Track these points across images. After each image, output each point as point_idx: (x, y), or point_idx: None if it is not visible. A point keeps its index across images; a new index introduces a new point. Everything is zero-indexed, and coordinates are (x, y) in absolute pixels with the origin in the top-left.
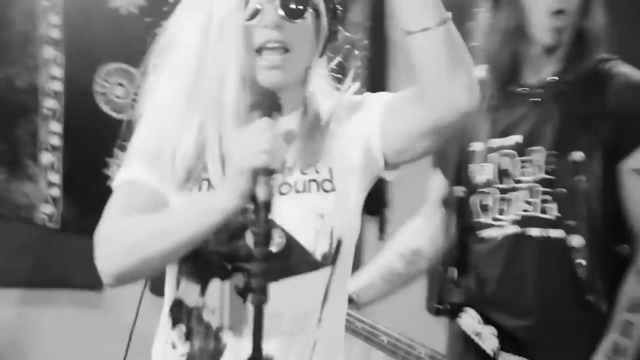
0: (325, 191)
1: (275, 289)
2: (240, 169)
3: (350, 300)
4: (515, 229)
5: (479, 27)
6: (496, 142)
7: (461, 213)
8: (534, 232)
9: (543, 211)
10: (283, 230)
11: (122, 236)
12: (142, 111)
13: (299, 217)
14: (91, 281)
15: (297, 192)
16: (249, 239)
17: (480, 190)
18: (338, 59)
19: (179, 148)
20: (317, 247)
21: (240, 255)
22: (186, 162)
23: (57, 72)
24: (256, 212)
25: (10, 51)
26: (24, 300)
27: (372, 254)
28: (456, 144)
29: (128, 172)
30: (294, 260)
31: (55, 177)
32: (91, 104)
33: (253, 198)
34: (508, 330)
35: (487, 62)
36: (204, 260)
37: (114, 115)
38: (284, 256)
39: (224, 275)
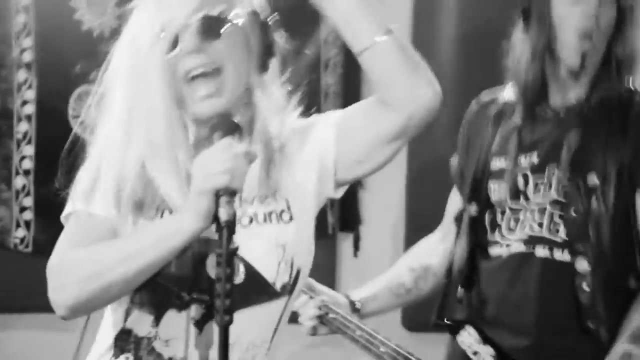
0: (285, 222)
1: (234, 317)
2: (202, 190)
3: (354, 308)
4: (522, 248)
5: (511, 46)
6: (515, 161)
7: (473, 230)
8: (540, 252)
9: (552, 232)
10: (245, 262)
11: (77, 265)
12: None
13: (261, 248)
14: None
15: (258, 223)
16: (210, 267)
17: (493, 207)
18: (287, 73)
19: (122, 182)
20: (278, 278)
21: (200, 284)
22: (131, 195)
23: (30, 95)
24: (219, 232)
25: None
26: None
27: (348, 270)
28: (474, 161)
29: (75, 205)
30: (254, 291)
31: (28, 201)
32: (64, 127)
33: (215, 219)
34: (506, 351)
35: (516, 80)
36: (161, 290)
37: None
38: (246, 287)
39: (181, 306)
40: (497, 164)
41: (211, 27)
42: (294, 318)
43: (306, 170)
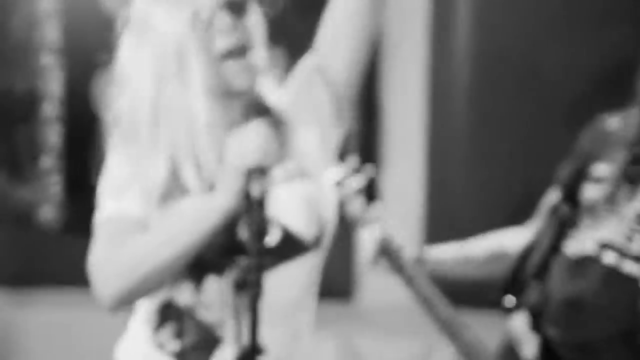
0: (307, 180)
1: (270, 277)
2: (235, 169)
3: (420, 260)
4: (593, 251)
5: None
6: (621, 170)
7: (558, 225)
8: (609, 259)
9: (628, 243)
10: (277, 221)
11: (119, 258)
12: (111, 140)
13: (288, 204)
14: None
15: (281, 182)
16: (243, 233)
17: (583, 208)
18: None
19: (152, 175)
20: (309, 232)
21: (235, 249)
22: (160, 188)
23: (57, 76)
24: (250, 209)
25: (9, 57)
26: (26, 300)
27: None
28: (575, 162)
29: (108, 208)
30: (287, 247)
31: (56, 179)
32: (92, 108)
33: (247, 196)
34: (552, 345)
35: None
36: (198, 258)
37: None
38: (279, 246)
39: (220, 271)
40: (600, 168)
41: (239, 7)
42: None
43: (307, 124)
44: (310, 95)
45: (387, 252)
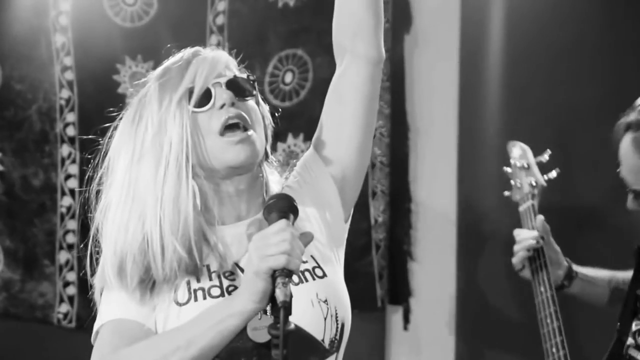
0: (319, 277)
1: None
2: (258, 271)
3: (569, 274)
4: None
5: None
6: None
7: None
8: None
9: None
10: (294, 324)
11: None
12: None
13: (305, 306)
14: None
15: (296, 284)
16: (257, 336)
17: None
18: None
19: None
20: (326, 334)
21: (248, 354)
22: (136, 272)
23: (74, 170)
24: (275, 313)
25: (26, 150)
26: None
27: (398, 345)
28: None
29: (103, 319)
30: (306, 352)
31: (72, 276)
32: None
33: (271, 299)
34: None
35: None
36: None
37: None
38: (297, 349)
39: None
40: None
41: (241, 88)
42: None
43: (314, 219)
44: (314, 181)
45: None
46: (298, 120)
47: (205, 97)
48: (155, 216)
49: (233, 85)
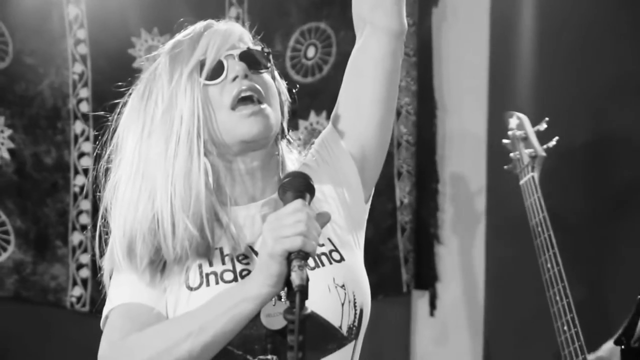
0: (337, 261)
1: None
2: (273, 253)
3: None
4: None
5: None
6: None
7: None
8: None
9: None
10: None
11: (140, 347)
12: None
13: (322, 292)
14: None
15: (312, 269)
16: (271, 322)
17: None
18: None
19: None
20: (344, 321)
21: (262, 343)
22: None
23: (87, 147)
24: (291, 298)
25: (38, 127)
26: None
27: (423, 331)
28: None
29: (113, 302)
30: (323, 339)
31: (85, 258)
32: None
33: (286, 283)
34: None
35: None
36: (224, 354)
37: None
38: (314, 337)
39: None
40: None
41: (256, 60)
42: None
43: (331, 200)
44: (333, 159)
45: None
46: (321, 96)
47: (217, 70)
48: (166, 193)
49: (247, 57)
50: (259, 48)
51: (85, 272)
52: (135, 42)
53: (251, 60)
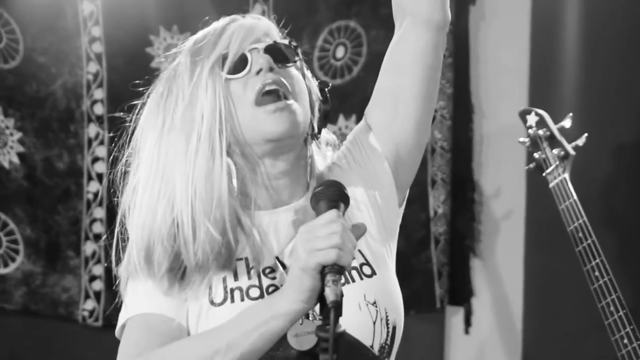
0: (368, 276)
1: None
2: (306, 266)
3: None
4: None
5: None
6: None
7: None
8: None
9: None
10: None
11: None
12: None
13: (352, 310)
14: None
15: (342, 285)
16: (291, 339)
17: None
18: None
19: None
20: (375, 340)
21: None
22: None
23: (102, 152)
24: (324, 314)
25: (50, 130)
26: None
27: (458, 349)
28: None
29: (129, 312)
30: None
31: (99, 269)
32: None
33: (320, 299)
34: None
35: None
36: None
37: None
38: (344, 357)
39: None
40: None
41: (282, 54)
42: None
43: (363, 206)
44: (365, 160)
45: None
46: (350, 99)
47: (241, 63)
48: (186, 195)
49: (272, 50)
50: (286, 42)
51: (98, 285)
52: (154, 41)
53: (277, 54)
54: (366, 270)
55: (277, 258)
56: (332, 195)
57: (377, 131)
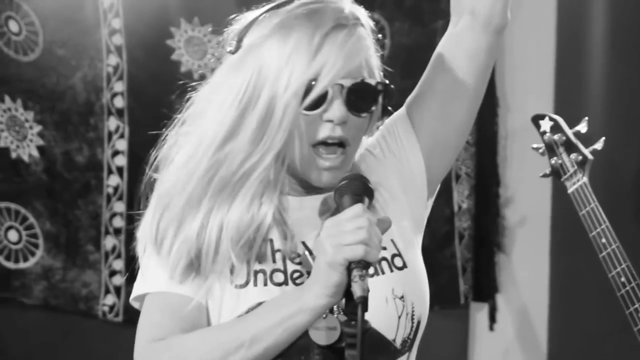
0: (398, 268)
1: None
2: (333, 262)
3: None
4: None
5: None
6: None
7: None
8: None
9: None
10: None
11: (184, 356)
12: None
13: (378, 303)
14: None
15: (370, 276)
16: (314, 334)
17: None
18: None
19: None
20: (399, 334)
21: (305, 350)
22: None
23: (122, 145)
24: (350, 309)
25: (69, 123)
26: None
27: (482, 346)
28: None
29: (149, 285)
30: (374, 352)
31: (119, 264)
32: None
33: (346, 294)
34: None
35: None
36: None
37: None
38: (365, 350)
39: None
40: None
41: (362, 100)
42: None
43: (395, 193)
44: (400, 150)
45: None
46: None
47: (320, 98)
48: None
49: (354, 94)
50: (373, 82)
51: (118, 279)
52: (174, 33)
53: (357, 100)
54: (397, 262)
55: (304, 243)
56: (357, 189)
57: (417, 124)
